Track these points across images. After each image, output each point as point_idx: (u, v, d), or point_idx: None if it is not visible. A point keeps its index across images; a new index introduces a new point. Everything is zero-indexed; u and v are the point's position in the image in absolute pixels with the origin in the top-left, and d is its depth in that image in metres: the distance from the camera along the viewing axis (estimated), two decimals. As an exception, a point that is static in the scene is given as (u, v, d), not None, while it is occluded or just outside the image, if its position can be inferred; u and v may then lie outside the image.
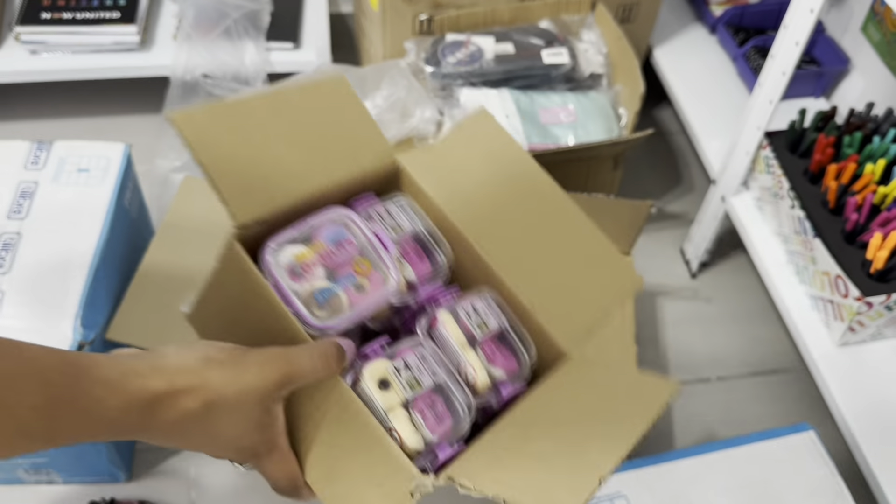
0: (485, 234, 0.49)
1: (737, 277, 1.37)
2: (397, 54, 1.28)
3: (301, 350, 0.44)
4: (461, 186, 0.50)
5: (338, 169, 0.47)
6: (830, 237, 1.03)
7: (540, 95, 1.22)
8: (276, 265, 0.45)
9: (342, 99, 0.48)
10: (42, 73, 1.36)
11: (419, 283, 0.49)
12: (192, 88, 1.33)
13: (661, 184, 1.51)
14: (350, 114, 0.48)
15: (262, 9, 1.40)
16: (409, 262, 0.49)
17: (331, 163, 0.46)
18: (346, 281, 0.46)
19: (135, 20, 1.36)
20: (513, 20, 1.29)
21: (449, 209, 0.49)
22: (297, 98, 0.46)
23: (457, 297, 0.49)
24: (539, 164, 1.14)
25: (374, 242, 0.46)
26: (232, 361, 0.43)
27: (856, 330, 1.01)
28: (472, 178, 0.51)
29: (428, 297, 0.49)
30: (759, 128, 1.11)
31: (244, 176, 0.43)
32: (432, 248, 0.49)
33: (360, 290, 0.46)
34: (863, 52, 1.31)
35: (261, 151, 0.44)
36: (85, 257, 0.97)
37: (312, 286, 0.45)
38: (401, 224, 0.48)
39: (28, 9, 1.35)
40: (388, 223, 0.48)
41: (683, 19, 1.52)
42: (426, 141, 1.23)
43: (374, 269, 0.46)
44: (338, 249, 0.46)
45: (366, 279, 0.46)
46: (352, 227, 0.46)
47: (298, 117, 0.46)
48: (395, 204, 0.49)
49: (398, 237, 0.48)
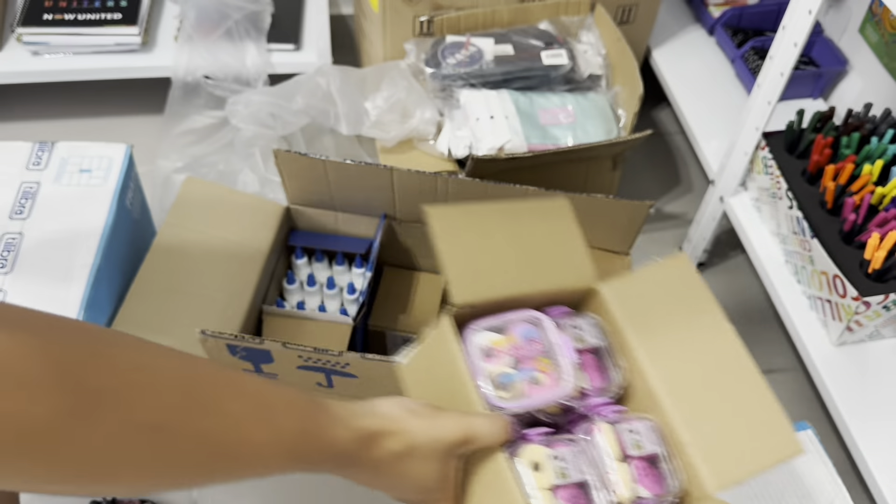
0: (659, 366, 0.55)
1: (735, 277, 1.38)
2: (397, 55, 1.29)
3: (482, 417, 0.51)
4: (647, 318, 0.56)
5: (543, 279, 0.56)
6: (828, 237, 1.04)
7: (539, 96, 1.22)
8: (474, 344, 0.53)
9: (561, 220, 0.57)
10: (44, 74, 1.37)
11: (591, 392, 0.54)
12: (194, 89, 1.34)
13: (659, 184, 1.52)
14: (565, 234, 0.57)
15: (263, 10, 1.40)
16: (586, 371, 0.55)
17: (538, 272, 0.56)
18: (527, 373, 0.53)
19: (136, 21, 1.36)
20: (512, 21, 1.30)
21: (631, 336, 0.55)
22: (525, 212, 0.57)
23: (621, 415, 0.55)
24: (539, 163, 1.15)
25: (558, 347, 0.53)
26: (428, 415, 0.51)
27: (854, 330, 1.02)
28: (658, 313, 0.57)
29: (595, 406, 0.55)
30: (758, 128, 1.12)
31: (468, 267, 0.53)
32: (609, 365, 0.55)
33: (538, 384, 0.53)
34: (861, 53, 1.32)
35: (485, 250, 0.55)
36: (87, 257, 0.97)
37: (499, 370, 0.53)
38: (586, 337, 0.55)
39: (30, 10, 1.36)
40: (575, 334, 0.55)
41: (682, 21, 1.52)
42: (426, 142, 1.24)
43: (553, 369, 0.53)
44: (527, 345, 0.54)
45: (545, 376, 0.53)
46: (542, 330, 0.54)
47: (522, 228, 0.56)
48: (584, 319, 0.56)
49: (581, 347, 0.54)
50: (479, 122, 1.16)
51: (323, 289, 1.09)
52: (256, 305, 1.03)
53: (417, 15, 1.25)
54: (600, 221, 1.03)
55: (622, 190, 1.35)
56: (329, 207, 1.09)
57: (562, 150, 1.11)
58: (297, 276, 1.11)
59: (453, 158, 1.21)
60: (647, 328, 0.55)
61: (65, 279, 0.95)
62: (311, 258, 1.12)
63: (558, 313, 0.56)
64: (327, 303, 1.09)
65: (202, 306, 0.98)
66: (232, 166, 1.32)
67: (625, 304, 0.56)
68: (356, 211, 1.08)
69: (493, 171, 1.13)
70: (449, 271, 0.53)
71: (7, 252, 0.97)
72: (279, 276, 1.10)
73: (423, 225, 1.11)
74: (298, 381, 0.92)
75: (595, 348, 0.55)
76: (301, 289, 1.10)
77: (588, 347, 0.55)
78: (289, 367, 0.90)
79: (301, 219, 1.11)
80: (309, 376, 0.91)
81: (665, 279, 0.58)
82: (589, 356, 0.55)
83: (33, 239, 0.99)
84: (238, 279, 1.01)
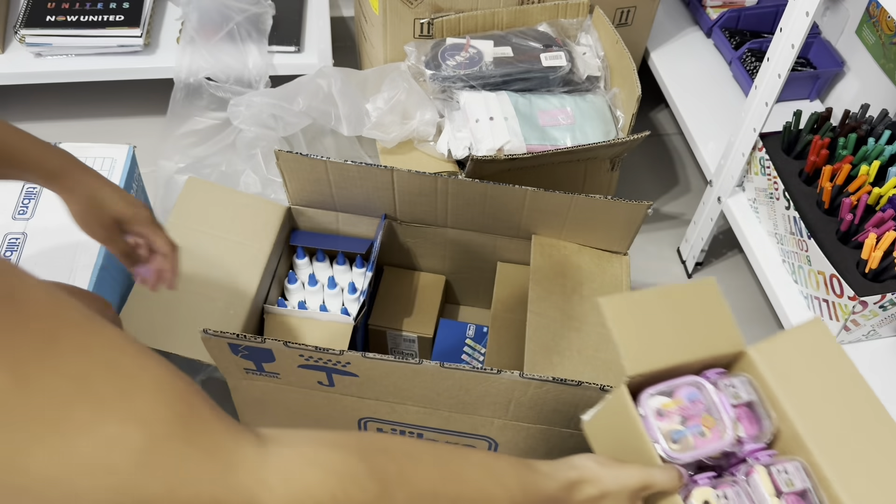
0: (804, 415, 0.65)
1: (732, 277, 1.39)
2: (398, 57, 1.30)
3: (658, 468, 0.63)
4: (790, 374, 0.67)
5: (699, 347, 0.68)
6: (825, 238, 1.05)
7: (538, 98, 1.23)
8: (649, 407, 0.65)
9: (710, 298, 0.71)
10: (46, 75, 1.37)
11: (746, 440, 0.66)
12: (196, 91, 1.35)
13: (657, 185, 1.52)
14: (715, 310, 0.70)
15: (265, 12, 1.41)
16: (742, 422, 0.66)
17: (695, 342, 0.68)
18: (694, 429, 0.65)
19: (139, 23, 1.37)
20: (511, 24, 1.30)
21: (778, 390, 0.67)
22: (679, 294, 0.69)
23: (773, 458, 0.66)
24: (539, 164, 1.16)
25: (718, 405, 0.65)
26: (615, 465, 0.64)
27: (850, 329, 1.02)
28: (800, 369, 0.67)
29: (751, 451, 0.66)
30: (755, 129, 1.12)
31: (637, 344, 0.65)
32: (762, 416, 0.66)
33: (703, 437, 0.65)
34: (857, 55, 1.32)
35: (650, 328, 0.67)
36: (89, 258, 0.98)
37: (670, 427, 0.65)
38: (740, 394, 0.67)
39: (32, 11, 1.36)
40: (731, 392, 0.67)
41: (680, 23, 1.53)
42: (426, 143, 1.24)
43: (715, 423, 0.65)
44: (691, 405, 0.66)
45: (709, 430, 0.65)
46: (704, 391, 0.66)
47: (678, 307, 0.69)
48: (737, 378, 0.68)
49: (736, 403, 0.66)
50: (478, 124, 1.17)
51: (324, 288, 1.10)
52: (258, 305, 1.04)
53: (418, 17, 1.26)
54: (598, 222, 1.04)
55: (620, 190, 1.36)
56: (330, 208, 1.09)
57: (560, 151, 1.12)
58: (298, 275, 1.12)
59: (453, 159, 1.22)
60: (790, 383, 0.67)
61: (68, 279, 0.96)
62: (312, 258, 1.13)
63: (715, 374, 0.69)
64: (328, 302, 1.10)
65: (204, 306, 0.99)
66: (234, 167, 1.33)
67: (771, 363, 0.68)
68: (357, 211, 1.09)
69: (492, 171, 1.14)
70: (622, 348, 0.65)
71: (10, 252, 0.98)
72: (281, 275, 1.11)
73: (423, 226, 1.12)
74: (299, 379, 0.93)
75: (748, 402, 0.67)
76: (302, 288, 1.11)
77: (742, 402, 0.67)
78: (290, 366, 0.90)
79: (302, 219, 1.12)
80: (310, 375, 0.91)
81: (805, 341, 0.69)
82: (743, 409, 0.67)
83: (36, 239, 1.00)
84: (240, 279, 1.02)
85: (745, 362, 0.69)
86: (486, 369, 0.85)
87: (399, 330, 1.16)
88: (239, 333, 0.85)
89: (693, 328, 0.68)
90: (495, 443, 1.00)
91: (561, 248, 1.08)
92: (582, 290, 1.05)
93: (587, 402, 0.88)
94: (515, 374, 0.85)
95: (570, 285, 1.05)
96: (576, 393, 0.87)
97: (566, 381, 0.85)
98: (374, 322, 1.15)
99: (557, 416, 0.92)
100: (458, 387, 0.89)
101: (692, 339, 0.68)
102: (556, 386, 0.86)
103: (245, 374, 0.94)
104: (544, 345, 0.99)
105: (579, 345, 1.00)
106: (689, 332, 0.68)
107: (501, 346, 1.09)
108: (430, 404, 0.94)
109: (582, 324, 1.02)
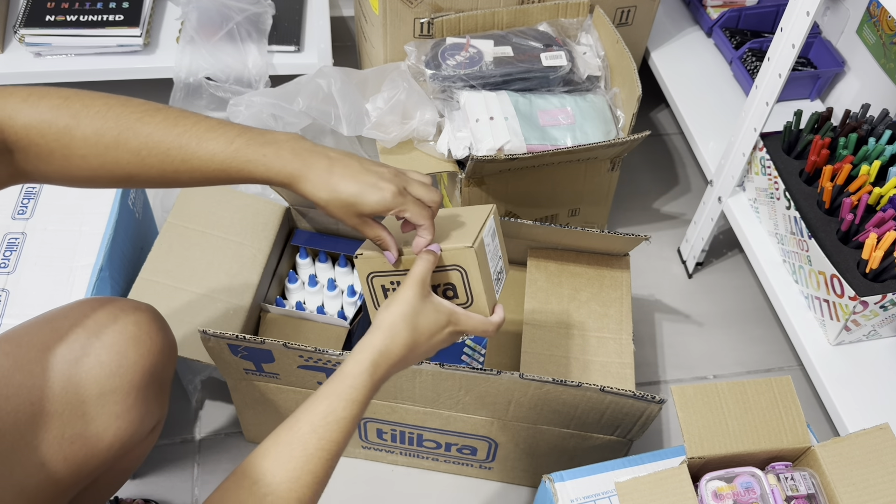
0: None
1: (733, 277, 1.38)
2: (398, 57, 1.30)
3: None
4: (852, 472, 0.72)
5: (765, 440, 0.73)
6: (826, 237, 1.04)
7: (538, 98, 1.23)
8: (706, 489, 0.72)
9: (784, 394, 0.74)
10: (46, 75, 1.37)
11: None
12: (196, 91, 1.35)
13: (657, 185, 1.52)
14: (786, 405, 0.74)
15: (265, 12, 1.41)
16: None
17: (761, 435, 0.73)
18: None
19: (138, 23, 1.37)
20: (512, 23, 1.30)
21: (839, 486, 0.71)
22: (753, 388, 0.74)
23: None
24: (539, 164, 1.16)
25: (769, 496, 0.71)
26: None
27: (851, 329, 1.02)
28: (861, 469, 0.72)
29: None
30: (756, 129, 1.12)
31: (702, 429, 0.72)
32: None
33: None
34: (858, 55, 1.32)
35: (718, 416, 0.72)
36: (89, 257, 0.98)
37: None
38: (799, 487, 0.73)
39: (32, 11, 1.36)
40: (790, 485, 0.73)
41: (680, 22, 1.53)
42: (426, 143, 1.24)
43: None
44: (745, 492, 0.72)
45: None
46: (760, 482, 0.73)
47: (750, 400, 0.74)
48: (800, 472, 0.74)
49: (793, 495, 0.72)
50: (478, 124, 1.17)
51: (324, 289, 1.10)
52: (257, 305, 1.04)
53: (418, 17, 1.26)
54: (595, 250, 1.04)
55: (621, 190, 1.36)
56: (330, 208, 1.09)
57: (561, 150, 1.12)
58: (299, 275, 1.11)
59: (453, 159, 1.22)
60: (852, 482, 0.71)
61: (67, 279, 0.96)
62: (314, 259, 1.13)
63: (780, 467, 0.75)
64: (327, 304, 1.10)
65: (204, 306, 0.99)
66: (233, 167, 1.32)
67: (835, 461, 0.72)
68: (357, 211, 1.09)
69: (492, 171, 1.13)
70: (686, 432, 0.71)
71: (10, 252, 0.98)
72: (282, 274, 1.11)
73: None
74: (299, 380, 0.93)
75: (808, 495, 0.73)
76: (302, 288, 1.10)
77: (801, 495, 0.73)
78: (290, 367, 0.90)
79: (302, 220, 1.12)
80: (309, 376, 0.91)
81: (871, 443, 0.73)
82: (802, 501, 0.73)
83: (36, 239, 1.00)
84: (239, 279, 1.02)
85: (811, 458, 0.74)
86: (486, 370, 0.85)
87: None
88: (238, 334, 0.85)
89: (761, 420, 0.73)
90: (495, 443, 1.00)
91: (557, 256, 1.08)
92: (580, 295, 1.05)
93: (587, 403, 0.88)
94: (515, 374, 0.85)
95: (567, 293, 1.05)
96: (576, 394, 0.87)
97: (566, 382, 0.85)
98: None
99: (557, 416, 0.92)
100: (457, 387, 0.89)
101: (759, 430, 0.73)
102: (555, 387, 0.86)
103: (245, 374, 0.94)
104: (538, 355, 0.99)
105: (576, 352, 1.00)
106: (756, 424, 0.73)
107: (501, 348, 1.09)
108: (430, 404, 0.94)
109: (581, 331, 1.02)
